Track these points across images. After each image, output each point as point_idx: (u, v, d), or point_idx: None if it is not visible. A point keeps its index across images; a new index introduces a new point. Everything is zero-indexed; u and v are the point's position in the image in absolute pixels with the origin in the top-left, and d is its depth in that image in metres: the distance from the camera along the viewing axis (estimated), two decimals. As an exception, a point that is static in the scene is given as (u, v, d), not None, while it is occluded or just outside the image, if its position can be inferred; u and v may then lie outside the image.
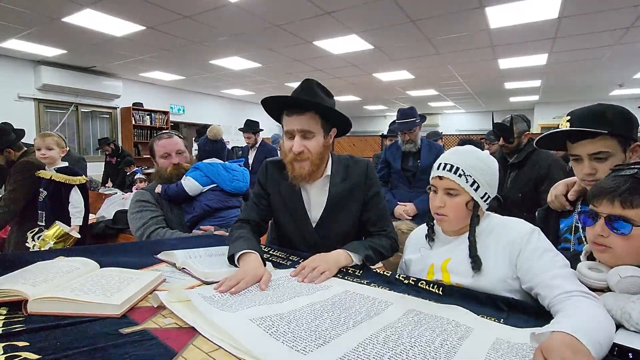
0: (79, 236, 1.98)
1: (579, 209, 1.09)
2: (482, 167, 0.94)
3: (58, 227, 1.80)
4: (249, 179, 1.91)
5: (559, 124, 1.07)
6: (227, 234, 1.58)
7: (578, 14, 3.57)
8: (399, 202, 2.75)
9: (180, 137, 1.77)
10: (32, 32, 4.35)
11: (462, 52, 4.97)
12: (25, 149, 2.38)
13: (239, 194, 1.82)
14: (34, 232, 1.96)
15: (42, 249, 1.78)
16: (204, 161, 1.78)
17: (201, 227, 1.64)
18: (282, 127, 1.18)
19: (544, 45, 4.59)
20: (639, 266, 0.75)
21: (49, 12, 3.72)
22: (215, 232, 1.59)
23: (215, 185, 1.73)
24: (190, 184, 1.65)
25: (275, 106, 1.18)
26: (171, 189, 1.64)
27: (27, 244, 1.96)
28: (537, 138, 1.10)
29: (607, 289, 0.77)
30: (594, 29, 3.96)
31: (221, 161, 1.83)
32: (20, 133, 2.40)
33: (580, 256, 0.89)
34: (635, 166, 0.79)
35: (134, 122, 6.95)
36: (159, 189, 1.66)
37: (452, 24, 3.93)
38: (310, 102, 1.10)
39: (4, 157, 2.30)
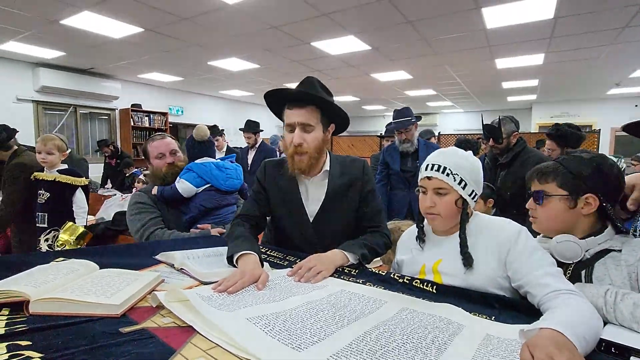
0: (92, 234, 2.01)
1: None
2: (467, 166, 0.97)
3: (75, 227, 1.81)
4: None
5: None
6: (224, 230, 1.61)
7: (573, 14, 3.59)
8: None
9: (172, 138, 1.79)
10: (31, 35, 4.36)
11: (460, 52, 5.00)
12: (16, 148, 2.38)
13: (233, 191, 1.82)
14: (46, 234, 1.98)
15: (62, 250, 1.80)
16: (196, 161, 1.77)
17: (198, 225, 1.66)
18: (284, 121, 1.22)
19: (541, 45, 4.61)
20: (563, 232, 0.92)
21: (47, 15, 3.73)
22: (212, 230, 1.61)
23: (209, 185, 1.73)
24: (184, 187, 1.66)
25: (277, 100, 1.23)
26: (166, 191, 1.65)
27: (39, 247, 1.98)
28: (627, 123, 0.95)
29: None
30: (589, 28, 3.98)
31: (213, 160, 1.82)
32: (12, 133, 2.41)
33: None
34: (556, 159, 1.01)
35: (132, 124, 6.96)
36: (154, 190, 1.67)
37: (449, 25, 3.95)
38: (310, 94, 1.15)
39: None
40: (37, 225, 2.12)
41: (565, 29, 3.99)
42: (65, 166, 2.26)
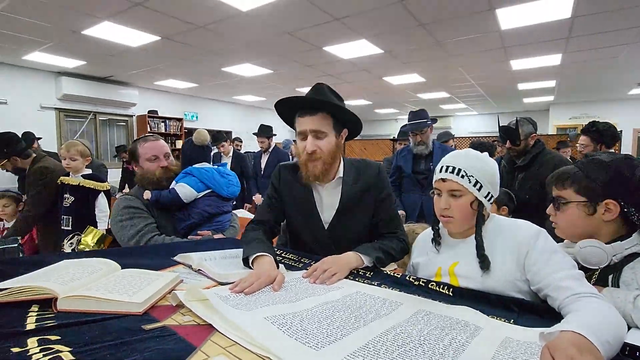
0: (112, 237, 2.07)
1: None
2: (482, 168, 0.96)
3: (96, 231, 1.86)
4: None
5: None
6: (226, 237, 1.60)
7: (592, 13, 3.51)
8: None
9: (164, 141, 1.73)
10: (54, 45, 4.54)
11: (473, 54, 4.94)
12: (35, 155, 2.48)
13: (231, 198, 1.78)
14: (70, 239, 2.04)
15: None
16: (195, 166, 1.70)
17: (198, 232, 1.60)
18: (295, 129, 1.21)
19: (558, 45, 4.52)
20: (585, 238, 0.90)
21: (70, 26, 3.88)
22: (215, 237, 1.59)
23: (210, 190, 1.67)
24: (185, 191, 1.59)
25: (288, 109, 1.22)
26: (164, 196, 1.56)
27: (63, 250, 2.05)
28: None
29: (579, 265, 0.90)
30: (609, 27, 3.88)
31: (210, 165, 1.77)
32: (30, 142, 2.50)
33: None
34: (575, 163, 0.99)
35: (149, 130, 7.11)
36: (147, 195, 1.56)
37: (462, 27, 3.92)
38: (321, 101, 1.15)
39: (11, 164, 2.42)
40: (62, 227, 2.20)
41: (583, 28, 3.90)
42: (90, 171, 2.34)
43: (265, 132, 4.27)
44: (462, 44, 4.49)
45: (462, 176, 0.94)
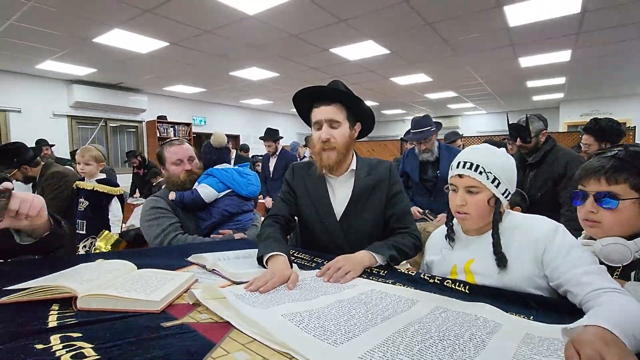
0: (126, 242, 2.09)
1: None
2: (500, 164, 0.94)
3: (111, 235, 1.89)
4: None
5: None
6: (247, 237, 1.63)
7: (601, 7, 3.46)
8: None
9: (189, 144, 1.79)
10: (66, 53, 4.64)
11: (481, 53, 4.91)
12: (43, 163, 2.53)
13: (252, 198, 1.81)
14: (84, 242, 2.08)
15: None
16: (216, 167, 1.76)
17: (220, 231, 1.65)
18: (311, 120, 1.26)
19: (567, 41, 4.46)
20: (629, 238, 0.83)
21: (81, 34, 3.96)
22: (235, 235, 1.62)
23: (230, 190, 1.72)
24: (206, 191, 1.64)
25: (305, 105, 1.27)
26: (186, 197, 1.63)
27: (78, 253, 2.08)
28: None
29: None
30: (620, 22, 3.82)
31: (231, 166, 1.82)
32: (38, 151, 2.55)
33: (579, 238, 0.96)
34: (616, 149, 0.88)
35: (158, 135, 7.23)
36: (172, 195, 1.64)
37: (469, 25, 3.89)
38: (336, 90, 1.20)
39: (21, 173, 2.46)
40: (77, 231, 2.24)
41: (593, 23, 3.84)
42: (104, 176, 2.38)
43: (271, 135, 4.29)
44: (469, 42, 4.47)
45: (480, 172, 0.93)
